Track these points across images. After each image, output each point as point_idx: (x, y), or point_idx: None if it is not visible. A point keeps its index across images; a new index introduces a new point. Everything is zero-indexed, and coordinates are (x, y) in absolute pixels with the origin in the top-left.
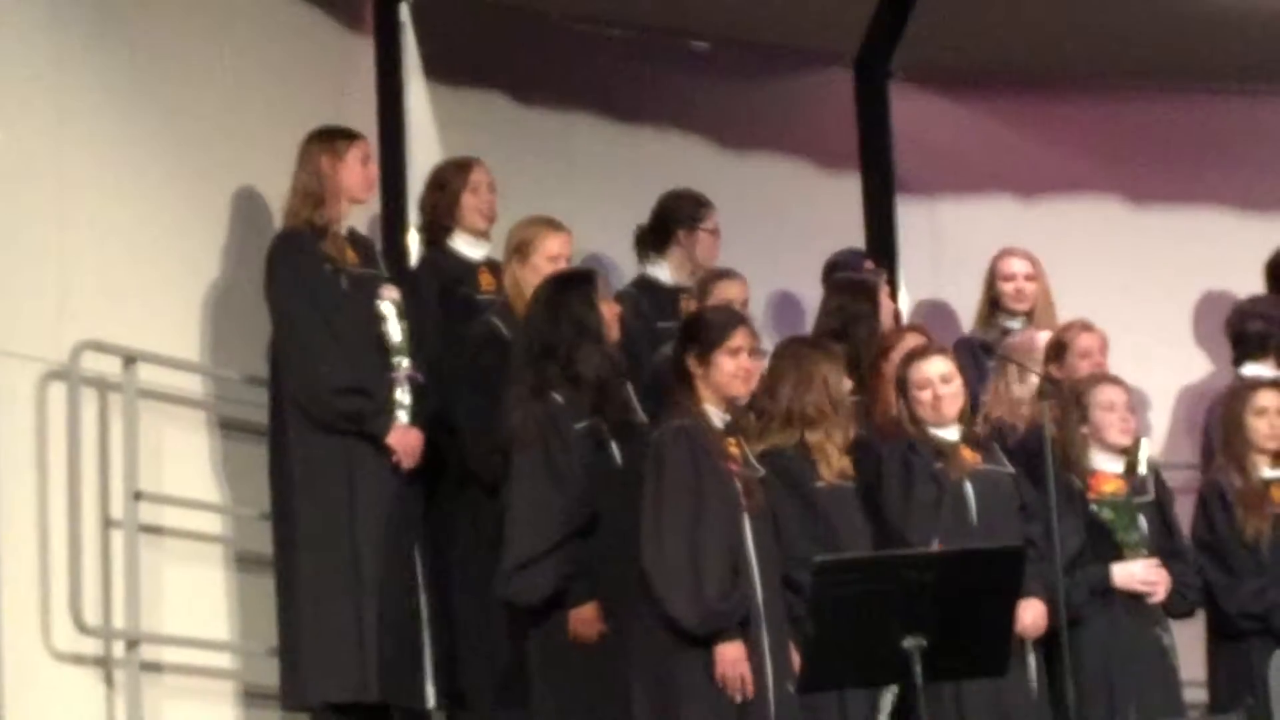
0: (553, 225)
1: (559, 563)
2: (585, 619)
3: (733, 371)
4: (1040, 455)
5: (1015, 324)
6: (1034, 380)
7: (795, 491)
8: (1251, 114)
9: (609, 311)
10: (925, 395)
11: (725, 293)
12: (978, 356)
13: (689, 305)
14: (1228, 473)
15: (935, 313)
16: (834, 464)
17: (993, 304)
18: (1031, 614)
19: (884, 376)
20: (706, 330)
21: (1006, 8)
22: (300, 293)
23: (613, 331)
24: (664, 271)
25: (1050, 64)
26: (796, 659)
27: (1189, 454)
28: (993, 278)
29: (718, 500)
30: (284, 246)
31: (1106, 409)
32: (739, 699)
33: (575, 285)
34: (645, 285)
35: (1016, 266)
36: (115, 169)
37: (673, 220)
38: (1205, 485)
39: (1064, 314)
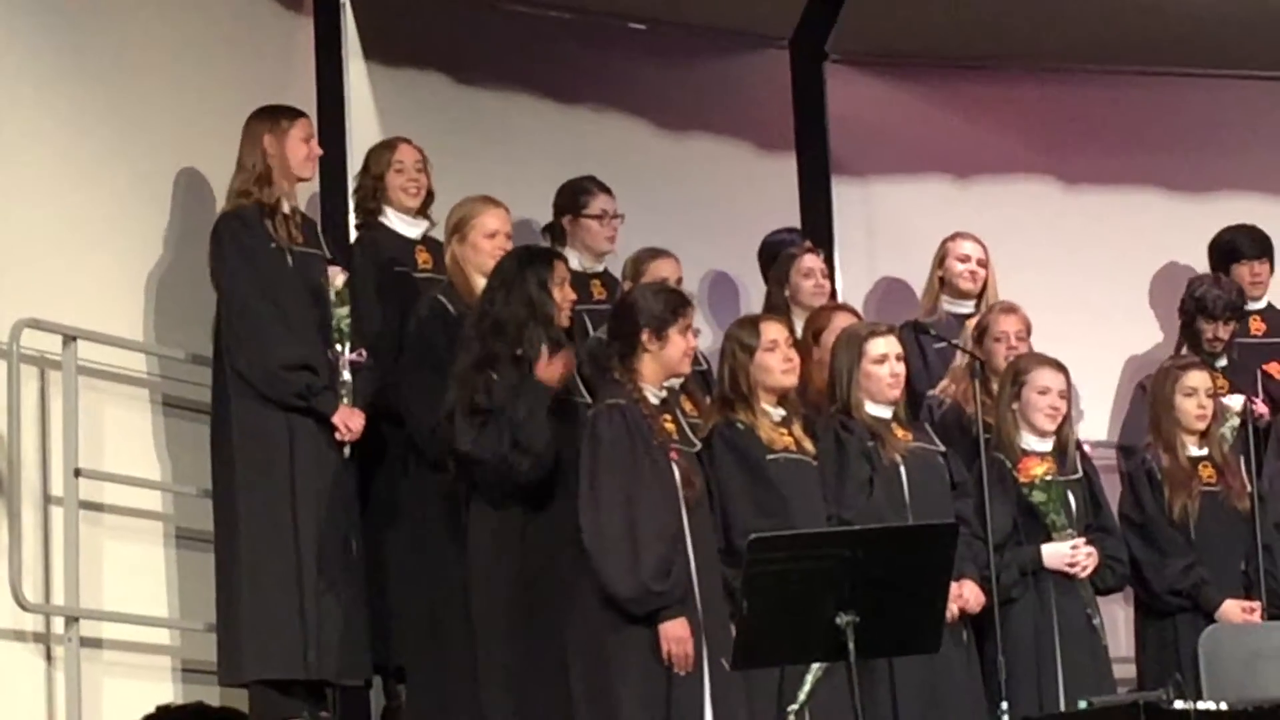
0: (489, 202)
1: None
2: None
3: (685, 349)
4: (962, 431)
5: (964, 308)
6: None
7: (744, 464)
8: (1183, 97)
9: (562, 296)
10: (881, 370)
11: (659, 271)
12: (921, 341)
13: (596, 287)
14: (1156, 451)
15: (871, 293)
16: (774, 437)
17: (940, 285)
18: (968, 592)
19: (815, 355)
20: (665, 307)
21: None
22: (247, 271)
23: (563, 317)
24: (572, 259)
25: (985, 47)
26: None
27: (1118, 433)
28: (942, 259)
29: (654, 481)
30: (230, 225)
31: (1039, 392)
32: (684, 674)
33: (533, 265)
34: None
35: (970, 249)
36: (56, 148)
37: (559, 210)
38: (1133, 464)
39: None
